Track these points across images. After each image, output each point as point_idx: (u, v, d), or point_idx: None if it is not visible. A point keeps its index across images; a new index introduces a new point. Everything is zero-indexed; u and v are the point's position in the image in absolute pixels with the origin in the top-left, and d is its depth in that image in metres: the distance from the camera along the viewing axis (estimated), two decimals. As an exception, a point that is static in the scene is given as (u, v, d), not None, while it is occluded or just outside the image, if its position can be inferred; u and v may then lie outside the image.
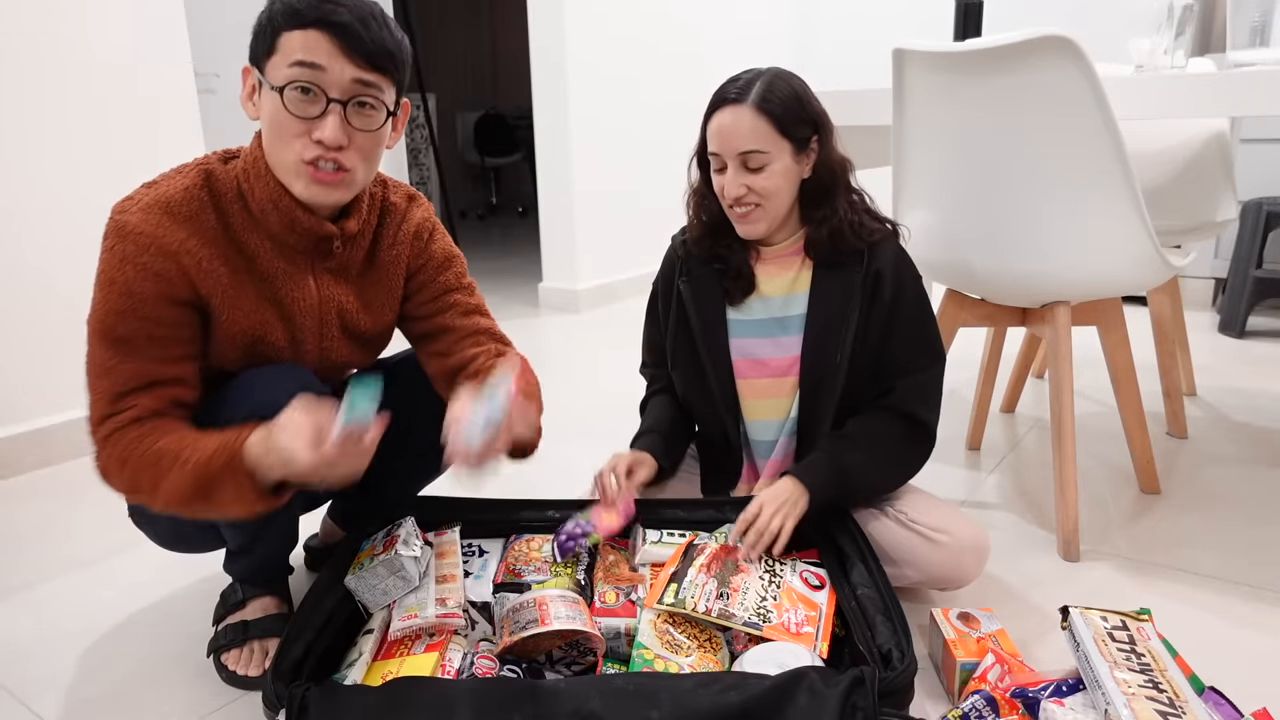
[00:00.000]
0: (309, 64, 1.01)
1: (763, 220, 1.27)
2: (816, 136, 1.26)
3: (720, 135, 1.24)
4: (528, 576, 1.22)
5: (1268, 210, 2.89)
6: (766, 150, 1.22)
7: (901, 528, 1.28)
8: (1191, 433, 2.06)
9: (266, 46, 1.03)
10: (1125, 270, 1.47)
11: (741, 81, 1.24)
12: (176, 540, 1.26)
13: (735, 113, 1.22)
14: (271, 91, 1.03)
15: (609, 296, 3.76)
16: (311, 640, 1.06)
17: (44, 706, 1.17)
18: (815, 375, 1.30)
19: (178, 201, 1.07)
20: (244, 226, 1.11)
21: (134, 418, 1.05)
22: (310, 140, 1.04)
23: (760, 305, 1.34)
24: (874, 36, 4.16)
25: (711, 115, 1.26)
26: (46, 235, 1.99)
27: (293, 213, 1.10)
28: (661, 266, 1.43)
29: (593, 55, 3.47)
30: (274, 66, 1.03)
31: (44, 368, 2.03)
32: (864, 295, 1.28)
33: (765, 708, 0.90)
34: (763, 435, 1.38)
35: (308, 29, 1.01)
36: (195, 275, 1.07)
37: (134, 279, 1.04)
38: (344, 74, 1.02)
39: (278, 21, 1.02)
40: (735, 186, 1.25)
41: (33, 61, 1.93)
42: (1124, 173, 1.36)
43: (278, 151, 1.06)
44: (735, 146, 1.23)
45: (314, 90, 1.02)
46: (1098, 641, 0.98)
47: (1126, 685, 0.91)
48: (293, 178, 1.07)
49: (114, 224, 1.06)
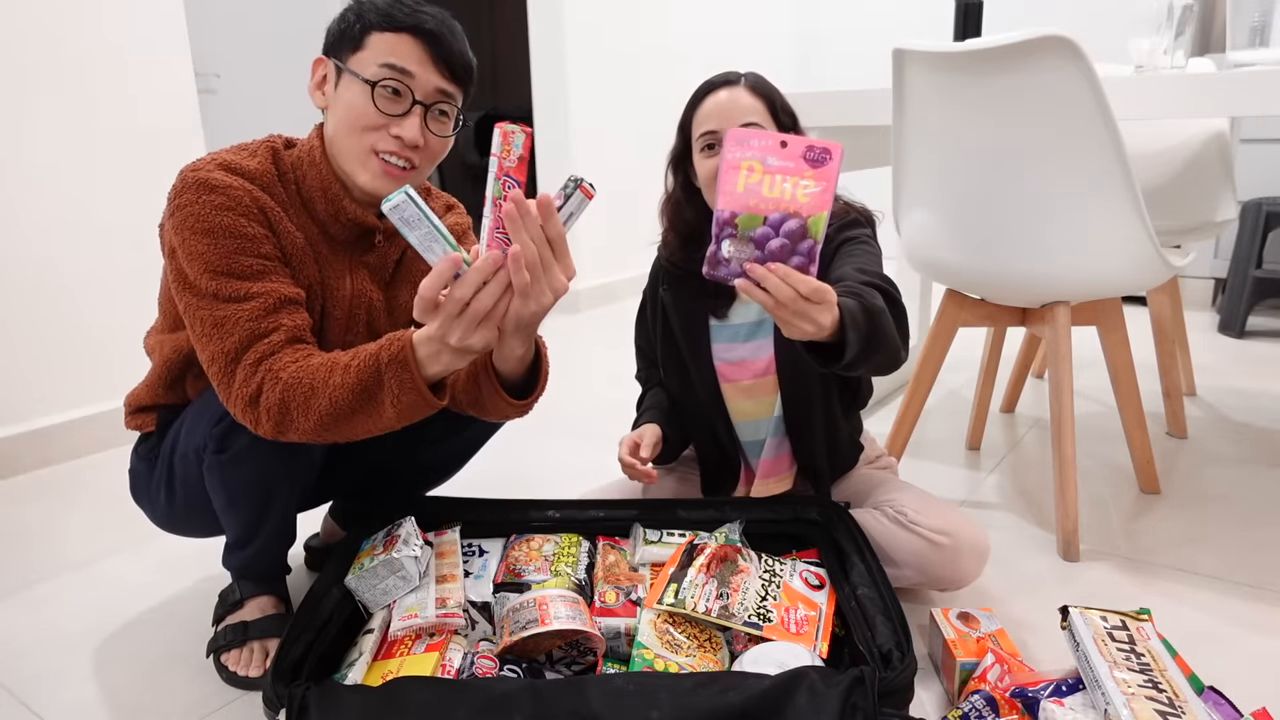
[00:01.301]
0: (400, 68, 1.07)
1: None
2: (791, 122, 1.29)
3: (719, 112, 1.25)
4: (528, 576, 1.22)
5: (1268, 210, 2.89)
6: (764, 127, 1.23)
7: (901, 528, 1.28)
8: (1191, 433, 2.06)
9: (353, 42, 1.08)
10: (1125, 270, 1.47)
11: (725, 73, 1.28)
12: (173, 520, 1.27)
13: (732, 92, 1.26)
14: (355, 83, 1.07)
15: (609, 296, 3.76)
16: (312, 640, 1.06)
17: (44, 706, 1.17)
18: (792, 373, 1.32)
19: (253, 172, 1.10)
20: (299, 210, 1.15)
21: (287, 338, 1.04)
22: (389, 134, 1.09)
23: (739, 311, 1.36)
24: (874, 36, 4.17)
25: (702, 100, 1.28)
26: (47, 235, 1.99)
27: (340, 201, 1.15)
28: (649, 279, 1.46)
29: (593, 55, 3.47)
30: (361, 62, 1.08)
31: (44, 368, 2.03)
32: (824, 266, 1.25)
33: (765, 708, 0.90)
34: (752, 435, 1.39)
35: (400, 33, 1.07)
36: (279, 230, 1.11)
37: (237, 223, 1.06)
38: (429, 81, 1.09)
39: (369, 20, 1.07)
40: None
41: (33, 61, 1.93)
42: (1124, 173, 1.36)
43: (350, 139, 1.10)
44: (736, 120, 1.23)
45: (402, 91, 1.08)
46: (1097, 641, 0.98)
47: (1126, 685, 0.91)
48: (359, 167, 1.11)
49: (195, 179, 1.06)
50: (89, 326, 2.08)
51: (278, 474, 1.16)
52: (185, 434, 1.18)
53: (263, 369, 1.02)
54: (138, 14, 2.09)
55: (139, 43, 2.10)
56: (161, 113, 2.17)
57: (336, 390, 0.99)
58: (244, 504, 1.17)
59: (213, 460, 1.13)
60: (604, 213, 3.67)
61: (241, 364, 1.03)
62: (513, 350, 1.07)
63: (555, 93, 3.43)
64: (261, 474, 1.15)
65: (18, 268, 1.96)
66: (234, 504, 1.17)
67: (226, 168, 1.09)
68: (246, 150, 1.14)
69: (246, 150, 1.14)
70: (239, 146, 1.15)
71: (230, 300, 1.04)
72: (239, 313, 1.03)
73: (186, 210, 1.05)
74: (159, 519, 1.29)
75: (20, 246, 1.96)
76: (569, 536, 1.32)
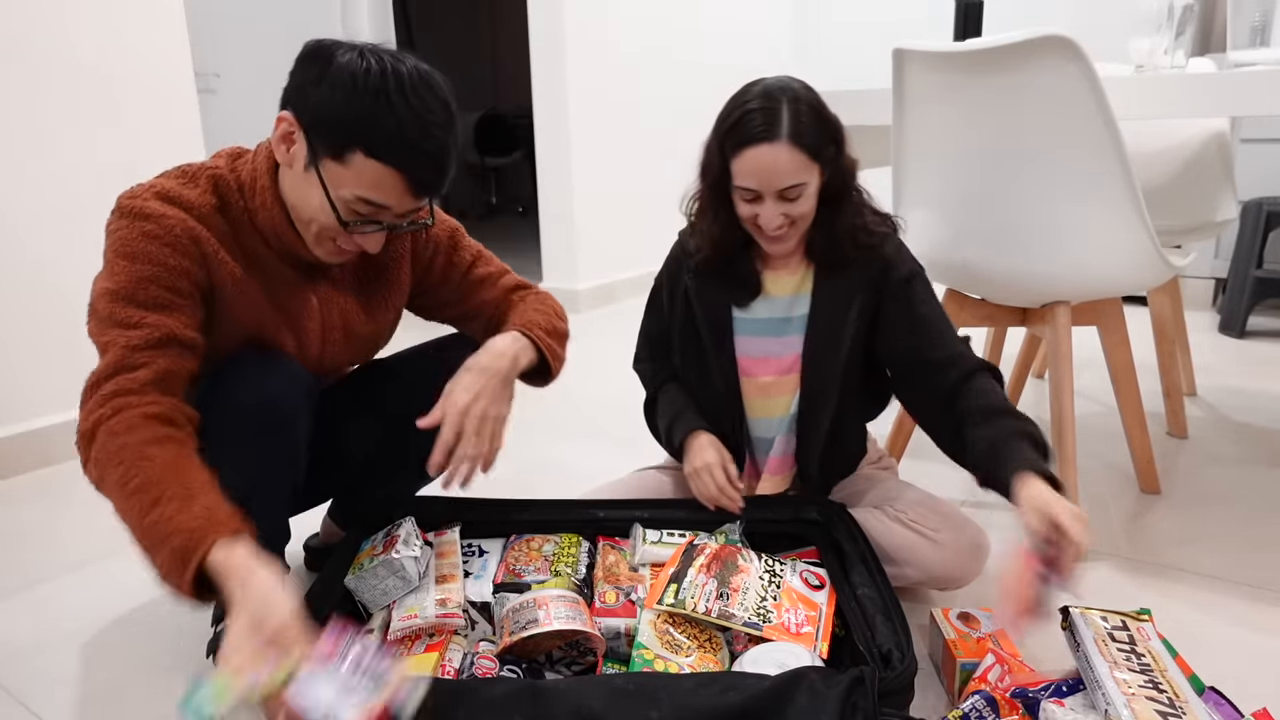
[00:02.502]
0: (378, 204, 1.04)
1: (795, 236, 1.26)
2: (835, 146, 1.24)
3: (758, 175, 1.19)
4: (528, 576, 1.22)
5: (1268, 210, 2.89)
6: (805, 181, 1.19)
7: (901, 528, 1.28)
8: (1191, 433, 2.06)
9: (334, 150, 1.01)
10: (1125, 270, 1.47)
11: (762, 112, 1.17)
12: None
13: (772, 151, 1.17)
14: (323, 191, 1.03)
15: (609, 296, 3.76)
16: (311, 640, 1.06)
17: (44, 706, 1.17)
18: (816, 374, 1.30)
19: (191, 201, 1.07)
20: (249, 236, 1.12)
21: (152, 378, 1.00)
22: (350, 238, 1.08)
23: (765, 305, 1.33)
24: (874, 36, 4.16)
25: (740, 151, 1.19)
26: (46, 235, 1.99)
27: (294, 246, 1.13)
28: (667, 262, 1.42)
29: (592, 55, 3.46)
30: (338, 176, 1.02)
31: (44, 368, 2.03)
32: (870, 285, 1.28)
33: (765, 708, 0.90)
34: (763, 433, 1.38)
35: (385, 166, 1.00)
36: (212, 263, 1.08)
37: (160, 253, 1.03)
38: (404, 207, 1.05)
39: (357, 139, 0.99)
40: (775, 218, 1.21)
41: (33, 61, 1.93)
42: (1124, 173, 1.36)
43: (311, 224, 1.08)
44: (777, 184, 1.18)
45: (374, 219, 1.05)
46: (1098, 642, 0.98)
47: (1126, 685, 0.91)
48: (314, 241, 1.10)
49: (130, 207, 1.05)
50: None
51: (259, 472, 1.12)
52: None
53: (109, 407, 0.97)
54: (138, 14, 2.09)
55: (139, 43, 2.10)
56: (161, 113, 2.17)
57: (127, 508, 0.93)
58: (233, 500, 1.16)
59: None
60: (604, 213, 3.67)
61: (99, 391, 0.99)
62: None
63: (555, 93, 3.43)
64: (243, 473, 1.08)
65: (17, 268, 1.96)
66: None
67: (163, 196, 1.06)
68: (187, 177, 1.10)
69: (187, 177, 1.10)
70: (181, 171, 1.11)
71: (118, 325, 1.01)
72: (120, 339, 1.01)
73: (114, 236, 1.04)
74: None
75: (19, 246, 1.96)
76: (569, 536, 1.32)
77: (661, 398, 1.44)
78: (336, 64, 1.00)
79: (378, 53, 1.01)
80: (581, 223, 3.58)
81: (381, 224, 1.07)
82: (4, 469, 1.97)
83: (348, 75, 0.99)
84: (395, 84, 0.99)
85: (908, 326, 1.28)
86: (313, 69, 1.01)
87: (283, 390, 1.12)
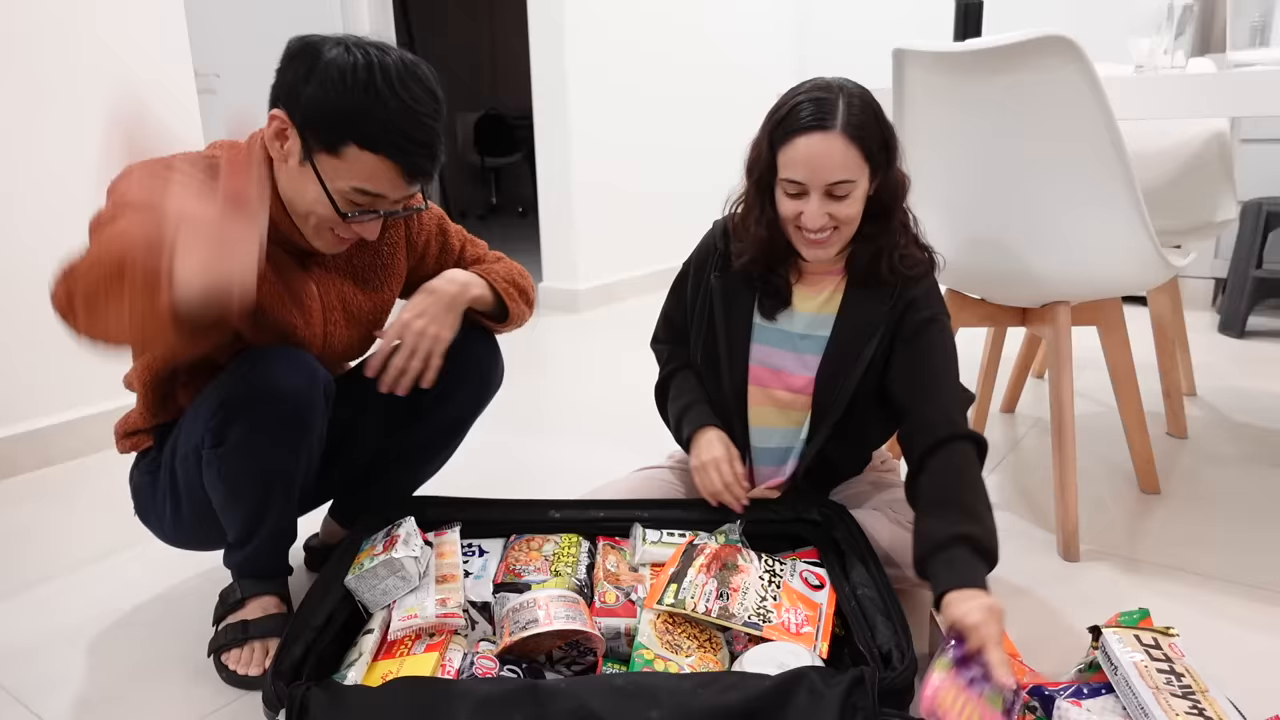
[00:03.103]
0: (374, 194, 1.05)
1: (836, 244, 1.22)
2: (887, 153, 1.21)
3: (810, 165, 1.14)
4: (528, 576, 1.22)
5: (1268, 210, 2.89)
6: (855, 179, 1.15)
7: (901, 528, 1.28)
8: (1191, 433, 2.06)
9: (328, 144, 1.02)
10: (1125, 270, 1.47)
11: (818, 102, 1.14)
12: (181, 532, 1.27)
13: (826, 140, 1.13)
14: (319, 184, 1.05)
15: (609, 296, 3.76)
16: (312, 640, 1.06)
17: (44, 706, 1.17)
18: (828, 399, 1.28)
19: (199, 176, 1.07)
20: None
21: None
22: (348, 227, 1.09)
23: (787, 319, 1.31)
24: (874, 37, 4.16)
25: (791, 140, 1.15)
26: (46, 235, 1.99)
27: (291, 235, 1.14)
28: (698, 250, 1.38)
29: (593, 55, 3.47)
30: (333, 171, 1.04)
31: (44, 368, 2.03)
32: (891, 322, 1.25)
33: (765, 708, 0.90)
34: (765, 442, 1.35)
35: (379, 156, 1.02)
36: None
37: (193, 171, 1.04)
38: (398, 194, 1.08)
39: (350, 132, 1.01)
40: (818, 217, 1.17)
41: (33, 62, 1.93)
42: (1124, 172, 1.36)
43: (309, 217, 1.10)
44: (825, 178, 1.14)
45: (371, 208, 1.07)
46: (1139, 667, 0.97)
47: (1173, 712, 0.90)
48: (313, 233, 1.12)
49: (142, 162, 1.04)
50: (89, 326, 2.08)
51: (276, 464, 1.15)
52: (183, 436, 1.17)
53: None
54: (138, 14, 2.09)
55: (139, 43, 2.10)
56: (161, 113, 2.17)
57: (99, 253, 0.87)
58: (244, 498, 1.17)
59: (210, 455, 1.13)
60: (603, 213, 3.67)
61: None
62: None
63: (555, 93, 3.43)
64: (260, 465, 1.14)
65: (17, 267, 1.96)
66: (234, 499, 1.17)
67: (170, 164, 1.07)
68: (187, 161, 1.11)
69: (187, 161, 1.11)
70: (178, 155, 1.12)
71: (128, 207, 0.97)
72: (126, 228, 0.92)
73: (135, 169, 1.04)
74: (167, 533, 1.28)
75: (20, 246, 1.96)
76: (569, 537, 1.32)
77: (674, 384, 1.42)
78: (324, 60, 1.01)
79: (363, 46, 1.03)
80: (581, 223, 3.58)
81: (378, 212, 1.09)
82: (4, 469, 1.97)
83: (336, 70, 1.00)
84: (383, 76, 1.01)
85: (909, 373, 1.24)
86: (301, 66, 1.02)
87: (306, 389, 1.13)
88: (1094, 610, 1.31)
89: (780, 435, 1.34)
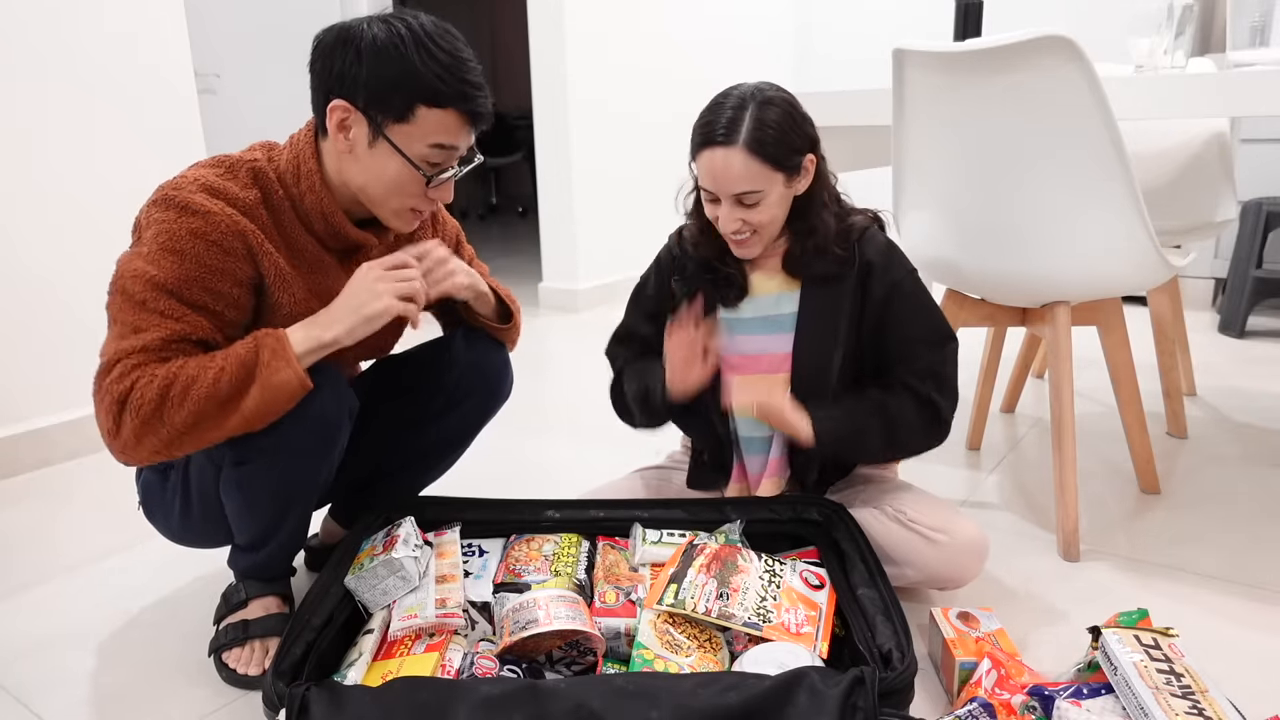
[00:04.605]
0: (450, 147, 1.10)
1: (758, 245, 1.28)
2: (810, 155, 1.24)
3: (711, 176, 1.21)
4: (528, 576, 1.22)
5: (1268, 210, 2.89)
6: (760, 189, 1.20)
7: (901, 528, 1.28)
8: (1191, 433, 2.06)
9: (397, 112, 1.07)
10: (1125, 270, 1.47)
11: (727, 116, 1.18)
12: (187, 535, 1.27)
13: (726, 155, 1.18)
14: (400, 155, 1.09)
15: (609, 296, 3.76)
16: (312, 640, 1.06)
17: (44, 706, 1.17)
18: (806, 372, 1.30)
19: (235, 195, 1.10)
20: (291, 225, 1.16)
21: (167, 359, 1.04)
22: (427, 197, 1.13)
23: (752, 305, 1.34)
24: (874, 37, 4.17)
25: (700, 151, 1.21)
26: (46, 235, 1.99)
27: (341, 227, 1.17)
28: (656, 261, 1.44)
29: (593, 55, 3.46)
30: (407, 137, 1.09)
31: (44, 368, 2.03)
32: (856, 289, 1.28)
33: (765, 708, 0.90)
34: (753, 431, 1.36)
35: (446, 109, 1.08)
36: (259, 255, 1.11)
37: (205, 253, 1.06)
38: (466, 143, 1.13)
39: (417, 93, 1.06)
40: (731, 222, 1.23)
41: (33, 62, 1.93)
42: (1124, 173, 1.36)
43: (388, 200, 1.13)
44: (730, 189, 1.20)
45: (449, 166, 1.12)
46: (1139, 667, 0.97)
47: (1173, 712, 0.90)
48: (393, 218, 1.16)
49: (175, 198, 1.06)
50: (89, 327, 2.08)
51: (297, 483, 1.16)
52: None
53: (138, 372, 1.01)
54: (138, 14, 2.09)
55: (139, 43, 2.10)
56: (161, 113, 2.17)
57: (219, 373, 1.01)
58: (261, 512, 1.17)
59: (231, 471, 1.14)
60: (603, 213, 3.67)
61: (124, 363, 1.02)
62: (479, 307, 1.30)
63: (555, 93, 3.43)
64: (281, 482, 1.15)
65: (17, 267, 1.96)
66: (250, 511, 1.17)
67: (208, 190, 1.07)
68: (225, 168, 1.12)
69: (225, 168, 1.12)
70: (217, 161, 1.13)
71: (159, 313, 1.04)
72: (160, 326, 1.03)
73: (159, 226, 1.05)
74: (173, 531, 1.28)
75: (20, 246, 1.96)
76: (569, 536, 1.32)
77: (627, 371, 1.45)
78: (368, 38, 1.06)
79: (394, 17, 1.08)
80: (581, 223, 3.58)
81: (453, 169, 1.14)
82: (4, 469, 1.97)
83: (384, 44, 1.05)
84: (426, 36, 1.06)
85: (882, 347, 1.30)
86: (347, 52, 1.07)
87: (334, 411, 1.14)
88: (1094, 610, 1.32)
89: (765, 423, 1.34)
